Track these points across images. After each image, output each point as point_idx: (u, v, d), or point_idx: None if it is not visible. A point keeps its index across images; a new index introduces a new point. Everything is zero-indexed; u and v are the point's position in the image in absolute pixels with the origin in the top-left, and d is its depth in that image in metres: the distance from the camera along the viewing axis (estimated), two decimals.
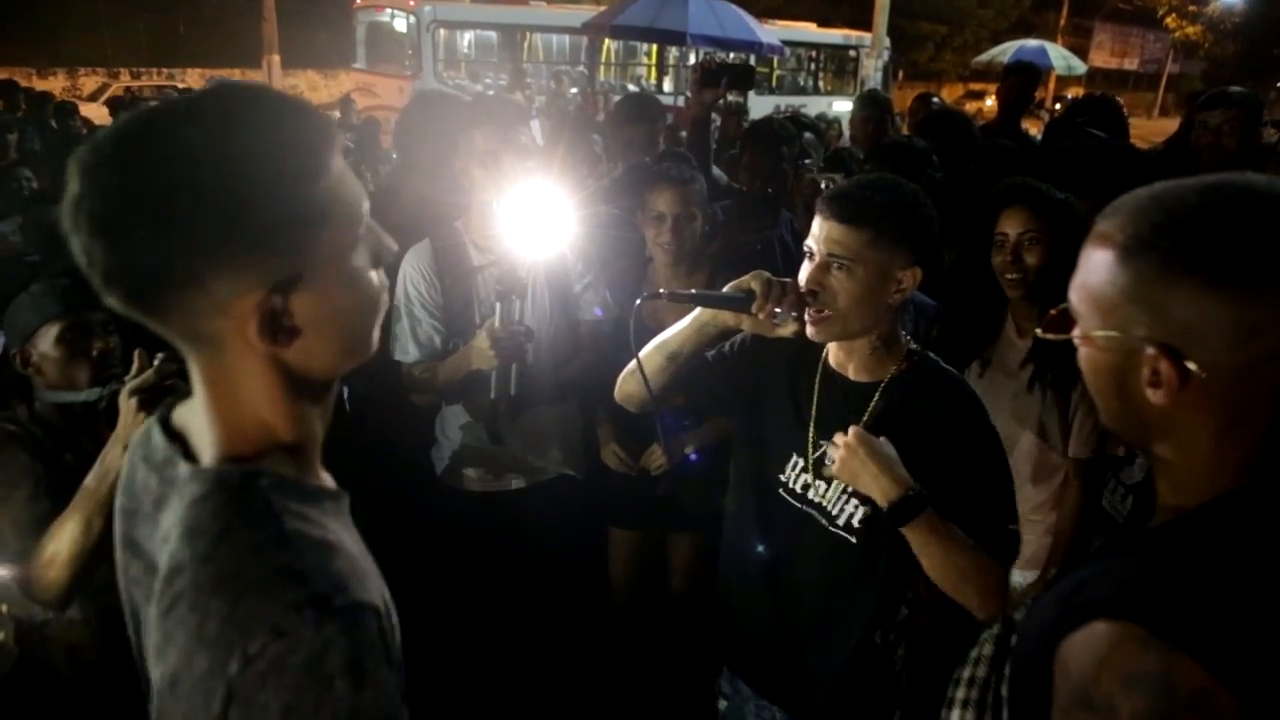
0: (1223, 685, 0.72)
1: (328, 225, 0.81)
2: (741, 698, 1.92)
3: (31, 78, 16.97)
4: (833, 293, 1.56)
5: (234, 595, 0.74)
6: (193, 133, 0.76)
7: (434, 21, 14.72)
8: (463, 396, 2.37)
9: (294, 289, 0.79)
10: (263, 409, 0.85)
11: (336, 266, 0.83)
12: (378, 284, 0.88)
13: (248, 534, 0.78)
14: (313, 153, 0.80)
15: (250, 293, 0.78)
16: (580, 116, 6.26)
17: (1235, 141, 3.15)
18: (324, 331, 0.83)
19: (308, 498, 0.85)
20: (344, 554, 0.81)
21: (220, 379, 0.84)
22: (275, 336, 0.80)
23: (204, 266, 0.76)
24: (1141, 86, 37.73)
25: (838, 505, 1.69)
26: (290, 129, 0.79)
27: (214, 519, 0.79)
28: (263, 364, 0.83)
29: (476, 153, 2.24)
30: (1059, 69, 16.13)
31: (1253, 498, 0.84)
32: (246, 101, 0.81)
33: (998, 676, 0.93)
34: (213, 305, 0.78)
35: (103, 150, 0.76)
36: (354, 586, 0.78)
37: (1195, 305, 0.80)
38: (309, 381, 0.86)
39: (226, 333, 0.80)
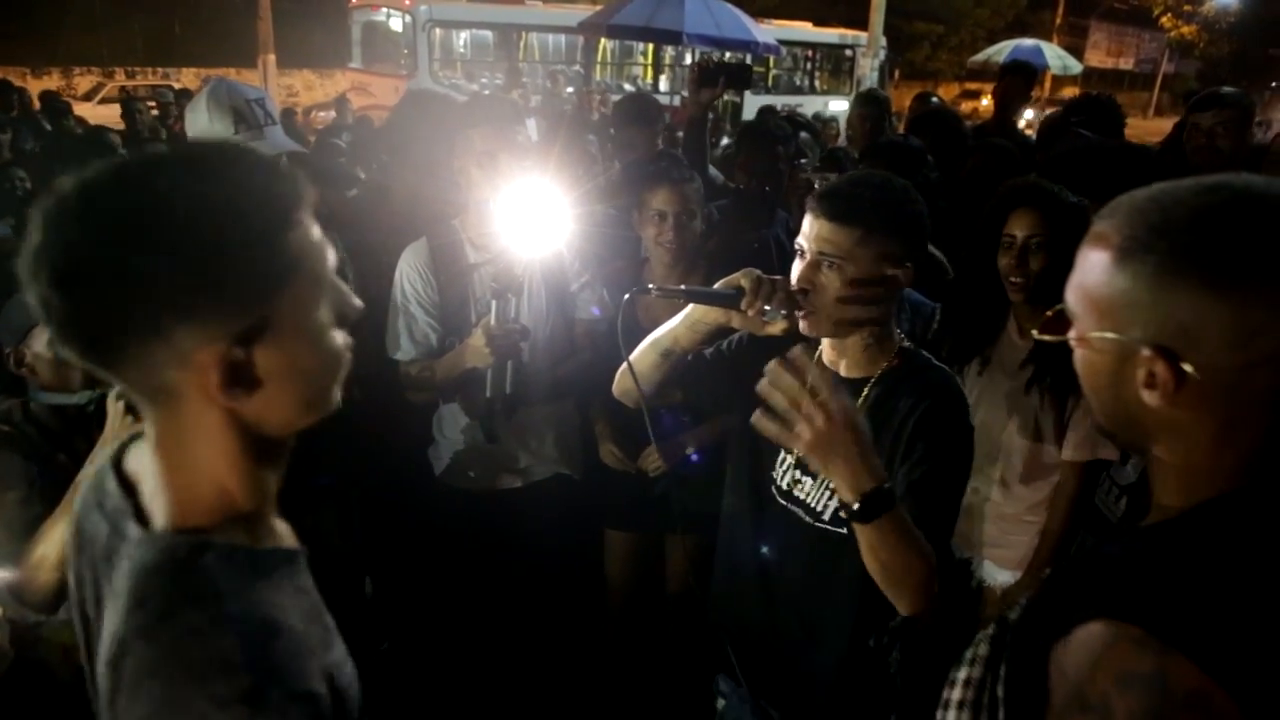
0: (1218, 685, 0.72)
1: (293, 280, 0.81)
2: (739, 697, 1.93)
3: (26, 77, 16.91)
4: (823, 290, 1.56)
5: (169, 680, 0.74)
6: (161, 184, 0.76)
7: (430, 21, 14.71)
8: (459, 395, 2.37)
9: (257, 341, 0.79)
10: (218, 469, 0.85)
11: (300, 321, 0.83)
12: (340, 342, 0.88)
13: (189, 615, 0.77)
14: (280, 208, 0.81)
15: (213, 344, 0.77)
16: (576, 116, 6.27)
17: (1229, 143, 3.13)
18: (284, 386, 0.83)
19: (258, 568, 0.84)
20: (286, 634, 0.80)
21: (176, 436, 0.84)
22: (236, 388, 0.80)
23: (166, 316, 0.75)
24: (1137, 86, 37.80)
25: (820, 500, 1.69)
26: (259, 184, 0.80)
27: (159, 596, 0.79)
28: (220, 419, 0.82)
29: (473, 152, 2.24)
30: (1055, 69, 16.14)
31: (1249, 498, 0.83)
32: (216, 156, 0.82)
33: (993, 677, 0.93)
34: (174, 356, 0.77)
35: (67, 201, 0.76)
36: (292, 674, 0.78)
37: (1192, 307, 0.79)
38: (265, 439, 0.86)
39: (186, 385, 0.79)
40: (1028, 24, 31.20)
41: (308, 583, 0.90)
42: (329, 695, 0.81)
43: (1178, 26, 34.36)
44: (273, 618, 0.80)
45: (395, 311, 2.36)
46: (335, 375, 0.89)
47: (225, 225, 0.76)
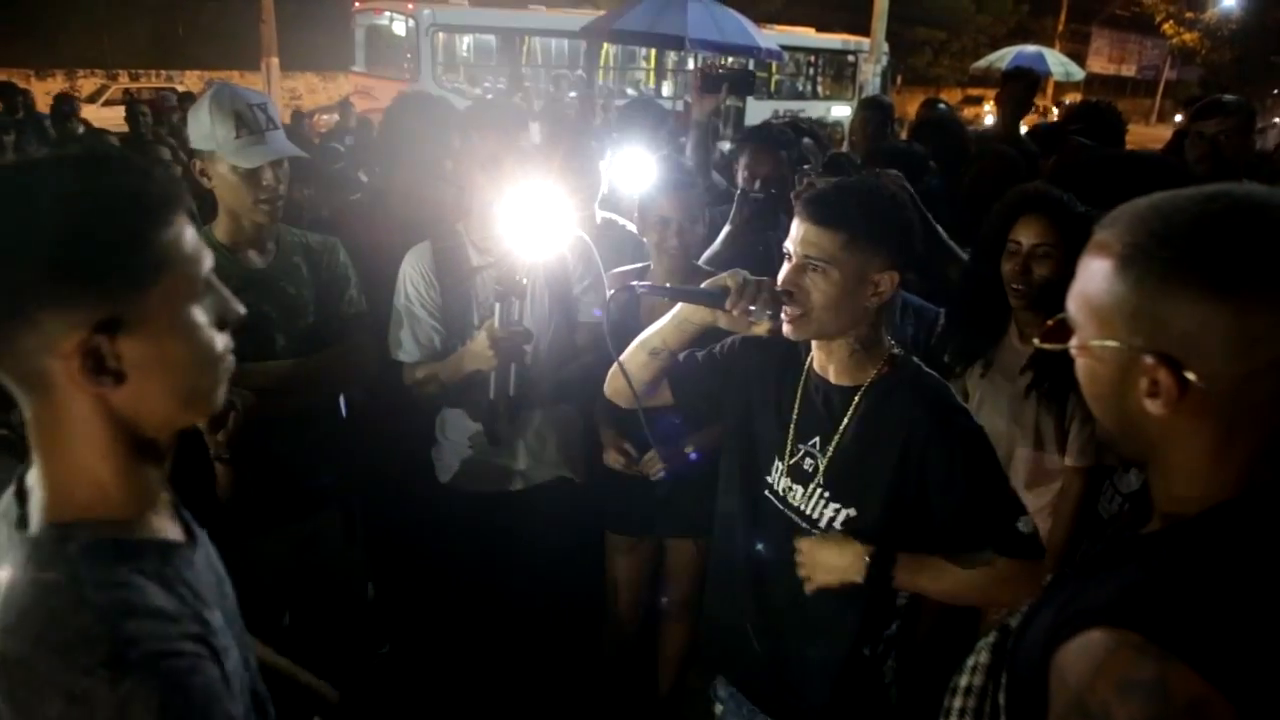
0: (1219, 692, 0.72)
1: (163, 277, 0.85)
2: (735, 702, 1.92)
3: (30, 79, 16.96)
4: (807, 294, 1.57)
5: (32, 663, 0.78)
6: (38, 179, 0.83)
7: (433, 25, 14.74)
8: (462, 397, 2.37)
9: (119, 331, 0.82)
10: (91, 462, 0.87)
11: (169, 318, 0.86)
12: (219, 344, 0.92)
13: (49, 601, 0.80)
14: (150, 209, 0.85)
15: (75, 331, 0.81)
16: (578, 121, 6.26)
17: (1231, 151, 3.12)
18: (155, 379, 0.86)
19: (121, 556, 0.86)
20: (144, 609, 0.83)
21: (50, 427, 0.87)
22: (99, 377, 0.83)
23: (33, 301, 0.80)
24: (1139, 93, 37.84)
25: (817, 509, 1.69)
26: (130, 185, 0.85)
27: (23, 590, 0.82)
28: (91, 409, 0.85)
29: (477, 156, 2.24)
30: (1057, 75, 16.15)
31: (1250, 506, 0.83)
32: (95, 158, 0.88)
33: (995, 685, 0.93)
34: (42, 343, 0.81)
35: None
36: (152, 639, 0.81)
37: (1195, 315, 0.79)
38: (140, 433, 0.89)
39: (56, 373, 0.82)
40: (1030, 30, 31.22)
41: (188, 576, 0.91)
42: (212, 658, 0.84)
43: (1180, 33, 34.36)
44: (129, 597, 0.83)
45: (398, 314, 2.36)
46: (213, 375, 0.92)
47: (91, 219, 0.82)
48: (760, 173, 3.17)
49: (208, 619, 0.89)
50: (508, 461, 2.46)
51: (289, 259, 2.24)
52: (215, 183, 2.12)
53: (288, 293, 2.19)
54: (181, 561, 0.92)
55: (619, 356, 1.77)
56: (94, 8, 20.62)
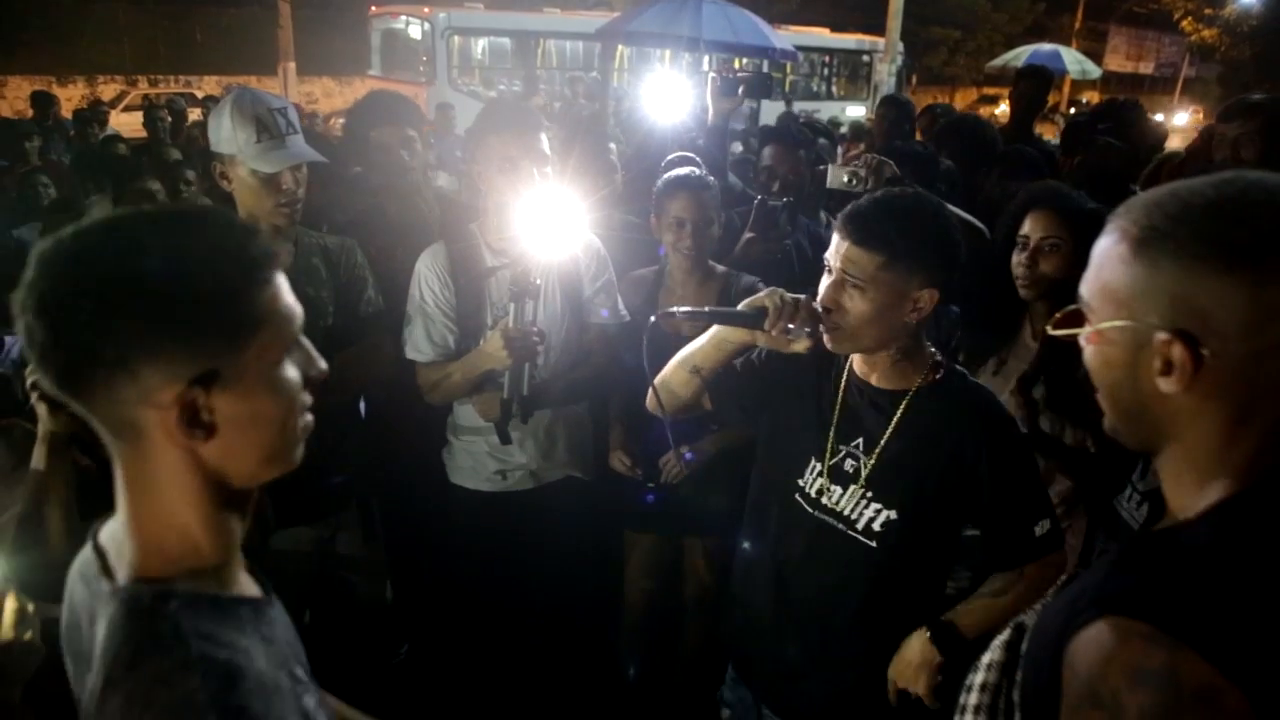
0: (1228, 680, 0.73)
1: (258, 333, 0.86)
2: (744, 706, 1.93)
3: (52, 85, 17.14)
4: (846, 311, 1.58)
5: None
6: (146, 233, 0.85)
7: (448, 28, 14.80)
8: (474, 397, 2.38)
9: (214, 385, 0.84)
10: (181, 512, 0.88)
11: (262, 373, 0.87)
12: (304, 401, 0.93)
13: (155, 662, 0.81)
14: (251, 267, 0.87)
15: (173, 384, 0.82)
16: (594, 123, 6.28)
17: (1254, 153, 3.02)
18: (244, 433, 0.88)
19: (221, 615, 0.87)
20: (251, 677, 0.83)
21: (141, 475, 0.88)
22: (193, 430, 0.84)
23: (134, 353, 0.81)
24: (1157, 90, 37.48)
25: (856, 510, 1.70)
26: (232, 242, 0.87)
27: (125, 644, 0.83)
28: (182, 461, 0.86)
29: (493, 157, 2.26)
30: (1073, 73, 16.05)
31: (1259, 498, 0.84)
32: (200, 215, 0.90)
33: (1009, 682, 0.94)
34: (139, 392, 0.82)
35: (62, 243, 0.83)
36: (257, 712, 0.81)
37: (1210, 290, 0.80)
38: (226, 486, 0.90)
39: (149, 423, 0.84)
40: (1046, 28, 31.00)
41: (274, 632, 0.93)
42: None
43: (1198, 30, 34.01)
44: (237, 662, 0.83)
45: (413, 314, 2.38)
46: (296, 432, 0.93)
47: (194, 275, 0.83)
48: (780, 172, 3.17)
49: (297, 675, 0.90)
50: (518, 461, 2.47)
51: (308, 261, 2.26)
52: (235, 186, 2.14)
53: (306, 294, 2.21)
54: (268, 618, 0.93)
55: (664, 374, 1.82)
56: (113, 15, 20.82)
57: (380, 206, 2.82)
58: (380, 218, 2.77)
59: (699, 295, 2.55)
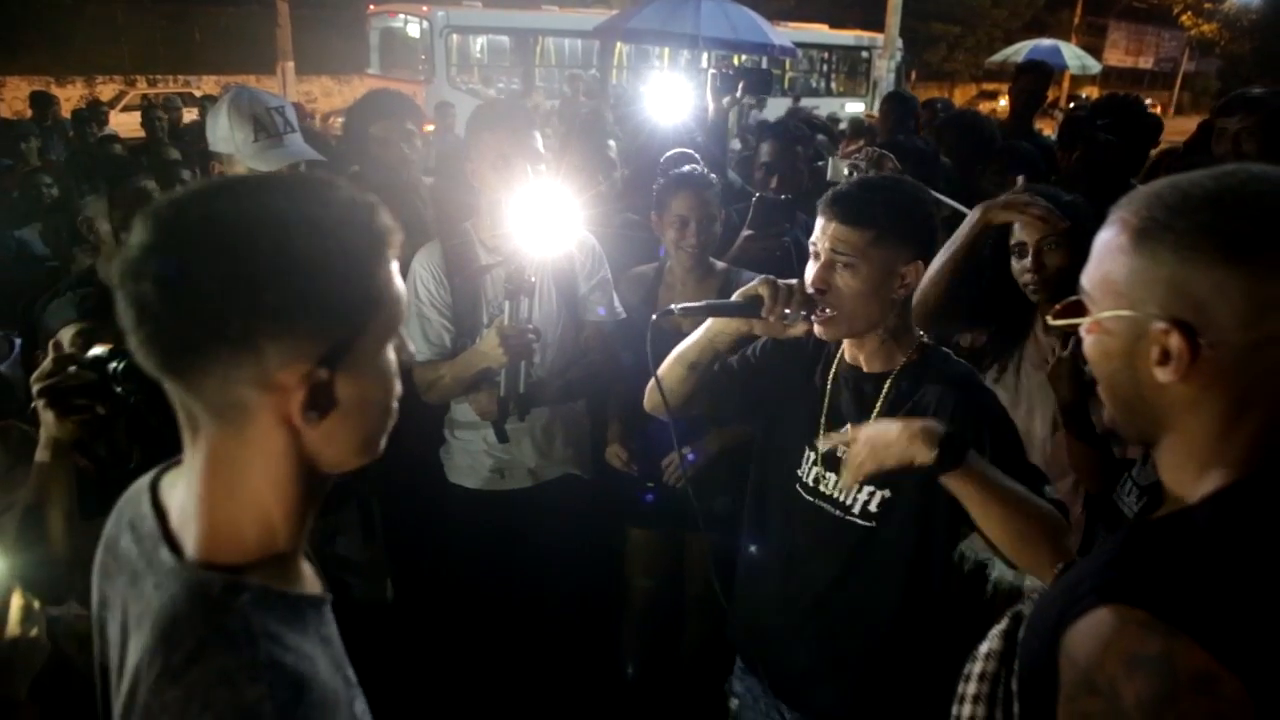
0: (1224, 667, 0.73)
1: (380, 312, 0.82)
2: (752, 696, 1.94)
3: (50, 85, 17.14)
4: (838, 291, 1.61)
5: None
6: (276, 196, 0.79)
7: (447, 27, 14.80)
8: (471, 395, 2.39)
9: (339, 365, 0.79)
10: (265, 500, 0.83)
11: (375, 356, 0.84)
12: (398, 388, 0.89)
13: (221, 658, 0.76)
14: (375, 245, 0.82)
15: (298, 363, 0.77)
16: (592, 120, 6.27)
17: (1255, 147, 3.01)
18: (349, 417, 0.83)
19: (290, 613, 0.83)
20: (316, 688, 0.78)
21: (231, 459, 0.82)
22: (314, 411, 0.79)
23: (261, 329, 0.75)
24: (1157, 85, 37.47)
25: (850, 494, 1.71)
26: (361, 216, 0.82)
27: (190, 633, 0.77)
28: (283, 444, 0.81)
29: (487, 155, 2.26)
30: (1073, 68, 16.03)
31: (1255, 487, 0.84)
32: (329, 184, 0.84)
33: (1007, 671, 0.94)
34: (258, 372, 0.77)
35: (185, 206, 0.77)
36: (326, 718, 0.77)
37: (1208, 281, 0.81)
38: (315, 474, 0.85)
39: (260, 405, 0.79)
40: (1046, 24, 30.99)
41: (332, 632, 0.89)
42: None
43: (1198, 24, 34.01)
44: (303, 670, 0.78)
45: (409, 313, 2.38)
46: (390, 417, 0.89)
47: (330, 247, 0.78)
48: (778, 168, 3.18)
49: (349, 677, 0.87)
50: (516, 459, 2.48)
51: None
52: None
53: None
54: (327, 617, 0.90)
55: (656, 375, 1.78)
56: (111, 14, 20.82)
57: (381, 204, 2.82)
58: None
59: (699, 292, 2.56)
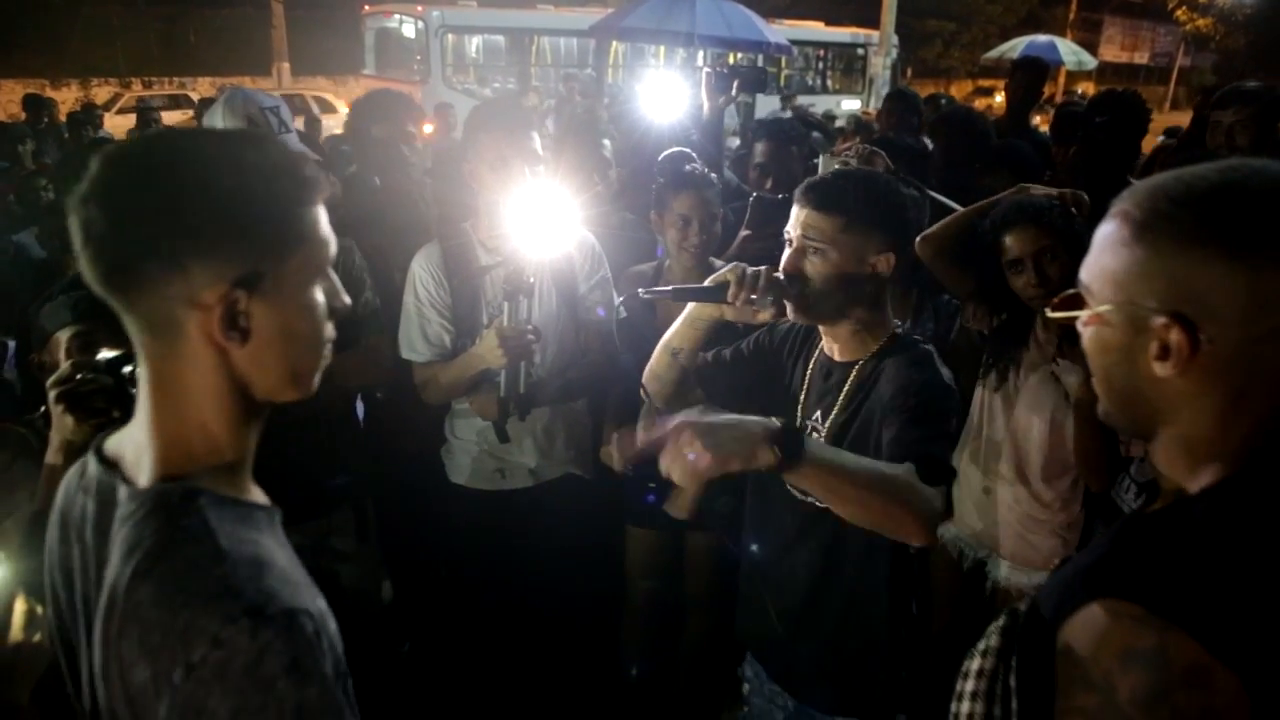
0: (1219, 661, 0.73)
1: (299, 249, 0.92)
2: (759, 681, 1.97)
3: (45, 88, 17.13)
4: (807, 277, 1.64)
5: (174, 608, 0.81)
6: (210, 141, 0.91)
7: (442, 26, 14.80)
8: (471, 395, 2.39)
9: (256, 289, 0.88)
10: (205, 411, 0.92)
11: (297, 290, 0.92)
12: (328, 330, 0.98)
13: (186, 550, 0.84)
14: (299, 188, 0.92)
15: (218, 284, 0.86)
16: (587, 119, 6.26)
17: (1249, 140, 3.03)
18: (273, 347, 0.92)
19: (243, 514, 0.91)
20: (276, 568, 0.87)
21: (171, 375, 0.91)
22: (230, 332, 0.88)
23: (188, 248, 0.86)
24: (1152, 80, 37.48)
25: None
26: (287, 162, 0.93)
27: (154, 537, 0.86)
28: (213, 362, 0.90)
29: (485, 155, 2.26)
30: (1069, 64, 16.06)
31: (1251, 481, 0.84)
32: (259, 137, 0.99)
33: (1005, 668, 0.94)
34: (185, 291, 0.86)
35: (129, 145, 0.90)
36: (286, 596, 0.84)
37: (1210, 274, 0.81)
38: (250, 396, 0.94)
39: (189, 323, 0.88)
40: (1041, 19, 31.00)
41: (285, 541, 0.96)
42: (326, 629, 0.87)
43: (1193, 19, 34.04)
44: (262, 554, 0.87)
45: (408, 313, 2.38)
46: (318, 357, 0.97)
47: (253, 182, 0.89)
48: (772, 167, 3.18)
49: (310, 583, 0.93)
50: (517, 459, 2.48)
51: None
52: None
53: None
54: (280, 528, 0.97)
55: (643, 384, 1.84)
56: (107, 17, 20.80)
57: (380, 206, 2.82)
58: (380, 218, 2.77)
59: None
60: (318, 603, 0.89)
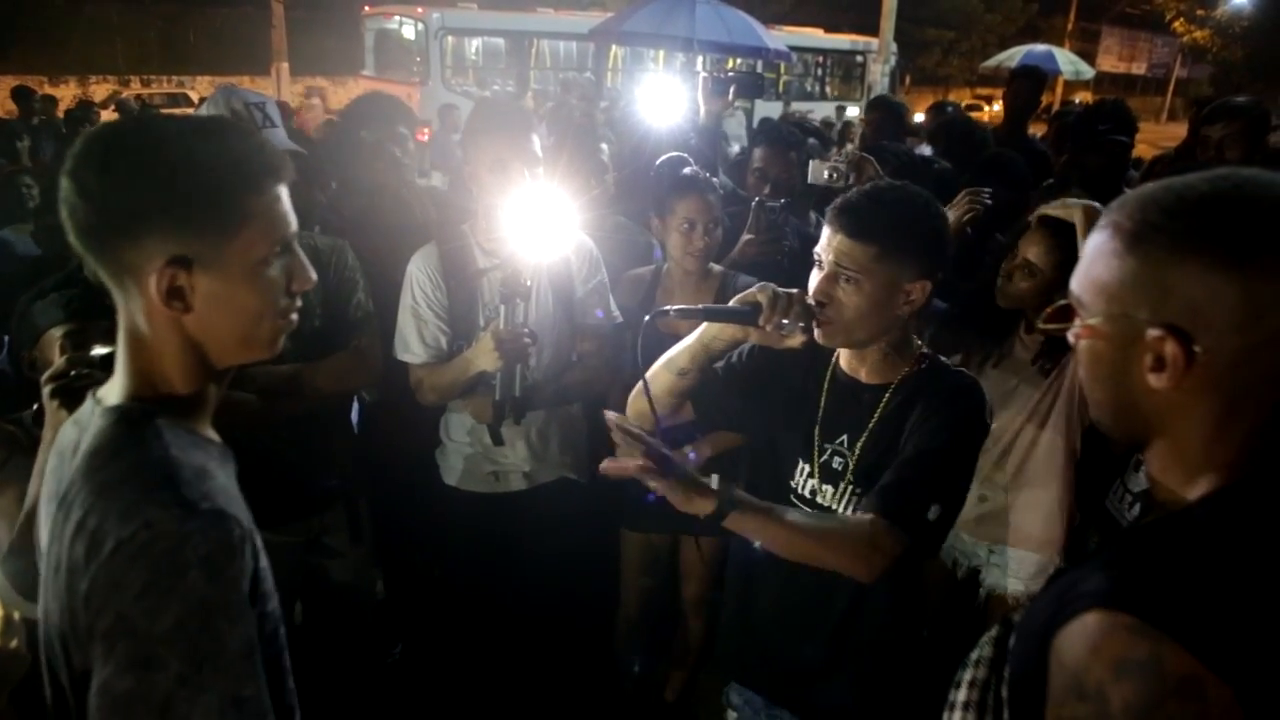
0: (1212, 672, 0.73)
1: (244, 230, 0.99)
2: (752, 709, 1.92)
3: (44, 85, 17.09)
4: (840, 304, 1.57)
5: (116, 496, 0.92)
6: (170, 128, 1.00)
7: (442, 28, 14.79)
8: (467, 398, 2.38)
9: (193, 268, 0.97)
10: (165, 362, 1.02)
11: (244, 267, 1.00)
12: (282, 301, 1.05)
13: (137, 452, 0.96)
14: (246, 175, 1.00)
15: (158, 258, 0.96)
16: (585, 122, 6.26)
17: (1238, 155, 3.06)
18: (220, 316, 1.01)
19: (196, 441, 1.02)
20: (217, 481, 0.98)
21: (135, 326, 1.01)
22: (171, 301, 0.98)
23: (139, 225, 0.96)
24: (1149, 91, 37.65)
25: (850, 507, 1.69)
26: (239, 151, 1.01)
27: (110, 441, 0.98)
28: (167, 324, 1.00)
29: (484, 158, 2.26)
30: (1066, 74, 16.08)
31: (1245, 492, 0.84)
32: (221, 125, 1.07)
33: (997, 678, 0.94)
34: (135, 257, 0.97)
35: (105, 129, 1.00)
36: (221, 502, 0.94)
37: (1203, 284, 0.80)
38: (205, 357, 1.04)
39: (140, 287, 0.98)
40: (1039, 29, 31.12)
41: (233, 475, 1.05)
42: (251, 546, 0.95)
43: (1190, 31, 34.21)
44: (208, 469, 0.98)
45: (405, 315, 2.38)
46: (271, 325, 1.05)
47: (194, 170, 0.97)
48: (771, 173, 3.17)
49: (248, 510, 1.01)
50: (511, 462, 2.47)
51: None
52: None
53: None
54: (231, 464, 1.06)
55: (648, 376, 1.72)
56: (106, 15, 20.79)
57: (375, 208, 2.81)
58: (374, 219, 2.76)
59: (697, 295, 2.56)
60: (253, 532, 0.96)
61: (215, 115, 1.99)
